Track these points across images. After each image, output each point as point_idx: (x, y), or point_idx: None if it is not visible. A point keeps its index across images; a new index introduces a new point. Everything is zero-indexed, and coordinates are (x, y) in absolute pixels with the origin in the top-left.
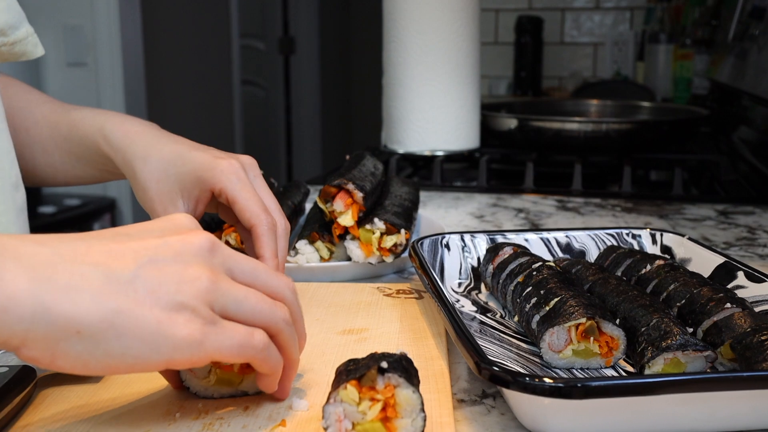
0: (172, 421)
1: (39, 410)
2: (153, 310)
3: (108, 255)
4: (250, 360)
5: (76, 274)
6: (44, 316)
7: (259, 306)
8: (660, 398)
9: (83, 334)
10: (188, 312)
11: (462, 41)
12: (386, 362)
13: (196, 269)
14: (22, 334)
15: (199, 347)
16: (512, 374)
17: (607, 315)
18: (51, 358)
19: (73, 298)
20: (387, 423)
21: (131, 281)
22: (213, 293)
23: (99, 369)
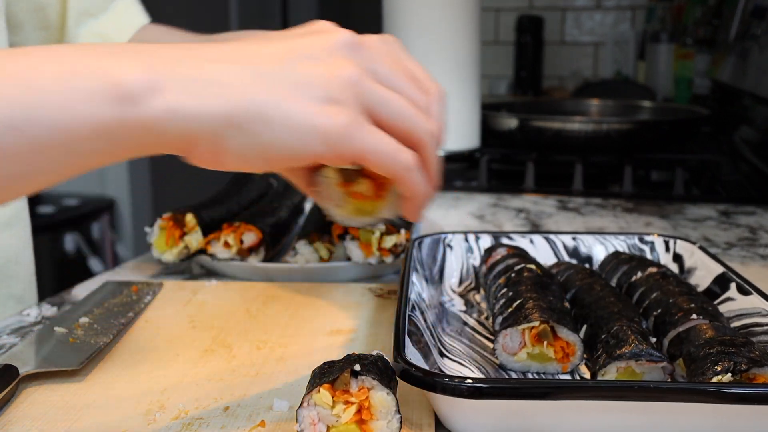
0: (152, 422)
1: (21, 409)
2: (303, 102)
3: (255, 55)
4: (396, 176)
5: (224, 71)
6: (198, 110)
7: (406, 110)
8: (558, 404)
9: (237, 125)
10: (339, 105)
11: (462, 41)
12: (359, 365)
13: (343, 63)
14: (188, 135)
15: (348, 140)
16: (420, 371)
17: (564, 320)
18: (216, 156)
19: (222, 92)
20: (362, 425)
21: (280, 77)
22: (360, 87)
23: (259, 164)
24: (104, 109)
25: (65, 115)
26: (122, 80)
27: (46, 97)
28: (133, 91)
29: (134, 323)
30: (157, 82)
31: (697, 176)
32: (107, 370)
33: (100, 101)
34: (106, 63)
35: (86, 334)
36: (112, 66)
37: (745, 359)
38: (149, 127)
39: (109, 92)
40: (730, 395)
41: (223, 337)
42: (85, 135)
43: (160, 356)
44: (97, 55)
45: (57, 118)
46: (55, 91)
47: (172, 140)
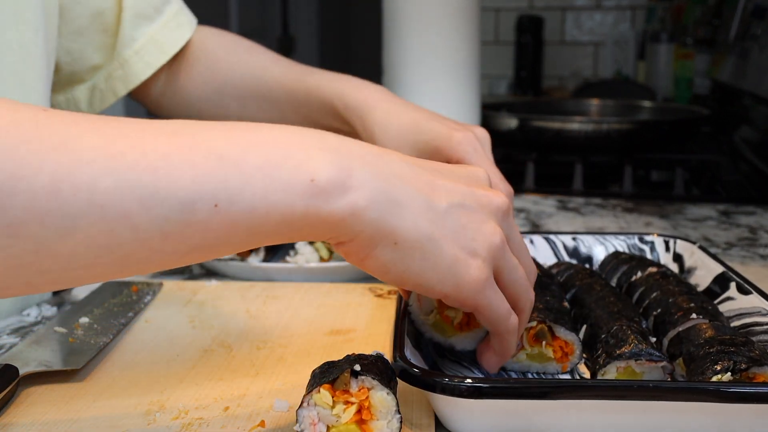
0: (151, 422)
1: (20, 409)
2: (454, 247)
3: (428, 186)
4: (497, 334)
5: (405, 193)
6: (373, 218)
7: (522, 281)
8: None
9: (398, 247)
10: (480, 260)
11: (462, 41)
12: (359, 365)
13: (493, 226)
14: (354, 232)
15: (475, 294)
16: (419, 371)
17: (562, 320)
18: (363, 258)
19: (401, 214)
20: (362, 425)
21: (443, 216)
22: (500, 252)
23: (393, 280)
24: (297, 201)
25: (263, 203)
26: (319, 176)
27: (249, 182)
28: (327, 187)
29: (134, 323)
30: (347, 182)
31: (697, 176)
32: (107, 370)
33: (296, 193)
34: (305, 155)
35: (86, 334)
36: (310, 160)
37: (745, 358)
38: (328, 220)
39: (305, 186)
40: (730, 394)
41: (223, 337)
42: (274, 221)
43: (160, 356)
44: (295, 145)
45: (256, 204)
46: (258, 179)
47: (340, 233)
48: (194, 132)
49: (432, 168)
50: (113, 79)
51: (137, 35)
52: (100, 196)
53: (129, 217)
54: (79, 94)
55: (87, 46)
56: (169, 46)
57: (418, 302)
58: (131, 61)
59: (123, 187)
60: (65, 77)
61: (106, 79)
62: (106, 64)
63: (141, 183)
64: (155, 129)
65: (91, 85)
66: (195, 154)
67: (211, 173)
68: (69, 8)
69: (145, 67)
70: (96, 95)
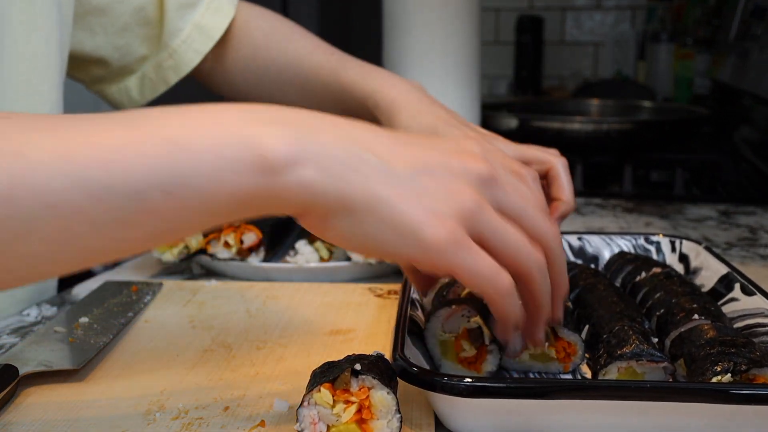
0: (151, 421)
1: (20, 409)
2: (416, 208)
3: (391, 152)
4: (487, 298)
5: (357, 158)
6: (324, 189)
7: (515, 242)
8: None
9: (350, 212)
10: (449, 222)
11: (462, 41)
12: (360, 364)
13: (465, 189)
14: (306, 204)
15: (445, 254)
16: (419, 370)
17: (565, 320)
18: (322, 229)
19: (353, 179)
20: (363, 425)
21: (404, 180)
22: (473, 217)
23: (357, 247)
24: (248, 179)
25: (213, 184)
26: (268, 153)
27: (198, 166)
28: (276, 163)
29: (134, 323)
30: (298, 156)
31: (697, 176)
32: (107, 370)
33: (245, 171)
34: (255, 132)
35: (86, 334)
36: (261, 137)
37: (745, 360)
38: (279, 195)
39: (254, 164)
40: (729, 395)
41: (222, 337)
42: (225, 200)
43: (159, 356)
44: (246, 123)
45: (206, 186)
46: (206, 160)
47: (293, 207)
48: (149, 120)
49: (407, 139)
50: (163, 69)
51: (182, 24)
52: (53, 197)
53: (84, 212)
54: (130, 84)
55: (133, 40)
56: (214, 30)
57: (444, 319)
58: (180, 50)
59: (76, 185)
60: (115, 71)
61: (156, 69)
62: (152, 54)
63: (93, 178)
64: (110, 121)
65: (140, 75)
66: (147, 143)
67: (162, 160)
68: (111, 8)
69: (194, 54)
70: (146, 84)
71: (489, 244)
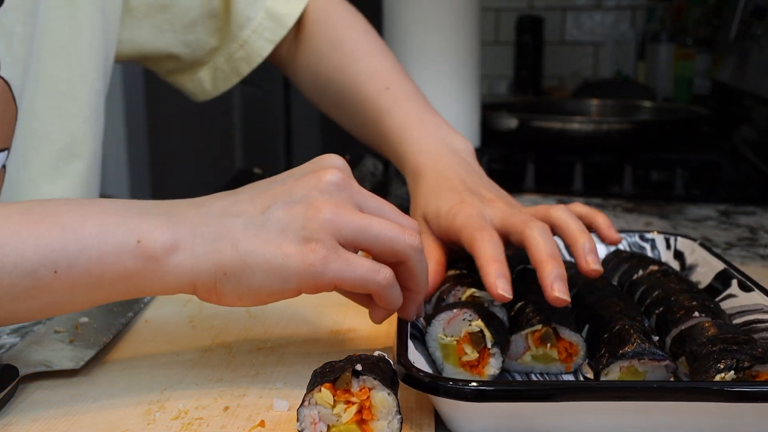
0: (151, 421)
1: (20, 409)
2: (281, 246)
3: (248, 203)
4: (372, 292)
5: (221, 225)
6: (201, 265)
7: (384, 231)
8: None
9: (228, 275)
10: (313, 243)
11: (462, 41)
12: (361, 365)
13: (320, 204)
14: (190, 283)
15: (321, 274)
16: (423, 374)
17: (567, 321)
18: (216, 297)
19: (218, 247)
20: (363, 425)
21: (263, 223)
22: (336, 223)
23: (250, 301)
24: (130, 263)
25: (98, 265)
26: (147, 241)
27: (84, 249)
28: (154, 251)
29: (134, 323)
30: (174, 242)
31: (697, 176)
32: (107, 370)
33: (127, 256)
34: (136, 222)
35: (86, 333)
36: (140, 225)
37: (748, 357)
38: (163, 278)
39: (135, 250)
40: (733, 393)
41: (222, 337)
42: (110, 281)
43: (159, 356)
44: (129, 214)
45: (92, 267)
46: (92, 245)
47: (180, 286)
48: (44, 209)
49: (265, 182)
50: (235, 60)
51: (252, 14)
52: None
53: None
54: (203, 75)
55: (201, 34)
56: (286, 17)
57: (445, 323)
58: (251, 40)
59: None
60: (188, 64)
61: (227, 60)
62: (223, 44)
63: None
64: (8, 209)
65: (212, 66)
66: (40, 227)
67: (52, 243)
68: (177, 4)
69: (266, 43)
70: (219, 76)
71: (363, 244)
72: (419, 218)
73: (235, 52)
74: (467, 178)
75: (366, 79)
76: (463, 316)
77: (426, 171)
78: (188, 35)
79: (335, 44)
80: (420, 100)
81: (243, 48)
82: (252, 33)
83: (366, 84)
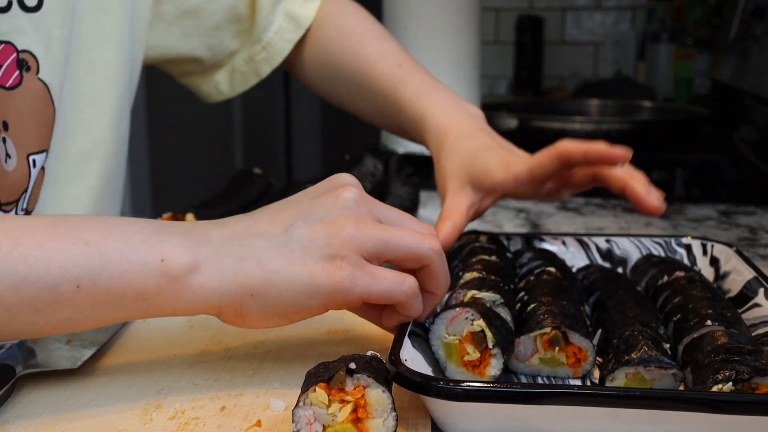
0: (148, 421)
1: (17, 409)
2: (307, 265)
3: (269, 224)
4: (397, 303)
5: (245, 246)
6: (225, 286)
7: (405, 240)
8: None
9: (255, 296)
10: (339, 260)
11: (462, 41)
12: (355, 363)
13: (342, 221)
14: (216, 304)
15: (349, 291)
16: (414, 375)
17: (577, 325)
18: (241, 318)
19: (243, 268)
20: (358, 424)
21: (287, 242)
22: (359, 239)
23: (277, 321)
24: (150, 280)
25: (119, 281)
26: (169, 259)
27: (106, 264)
28: (177, 270)
29: (131, 323)
30: (197, 264)
31: (697, 176)
32: (104, 370)
33: (149, 274)
34: (158, 240)
35: (83, 334)
36: (162, 243)
37: (748, 368)
38: (186, 298)
39: (157, 268)
40: (721, 404)
41: (220, 337)
42: (132, 298)
43: (157, 356)
44: (151, 232)
45: (113, 283)
46: (114, 260)
47: (204, 307)
48: (69, 224)
49: (283, 203)
50: (256, 62)
51: (274, 17)
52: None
53: (2, 299)
54: (220, 77)
55: (224, 37)
56: (304, 18)
57: (449, 321)
58: (273, 42)
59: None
60: (208, 67)
61: (247, 62)
62: (243, 47)
63: (12, 271)
64: (35, 222)
65: (229, 68)
66: (64, 242)
67: (75, 257)
68: (203, 8)
69: (286, 44)
70: (236, 78)
71: (387, 255)
72: (457, 177)
73: (257, 53)
74: (498, 139)
75: (378, 58)
76: (465, 315)
77: (455, 131)
78: (212, 39)
79: (345, 32)
80: (429, 74)
81: (265, 49)
82: (274, 35)
83: (379, 62)
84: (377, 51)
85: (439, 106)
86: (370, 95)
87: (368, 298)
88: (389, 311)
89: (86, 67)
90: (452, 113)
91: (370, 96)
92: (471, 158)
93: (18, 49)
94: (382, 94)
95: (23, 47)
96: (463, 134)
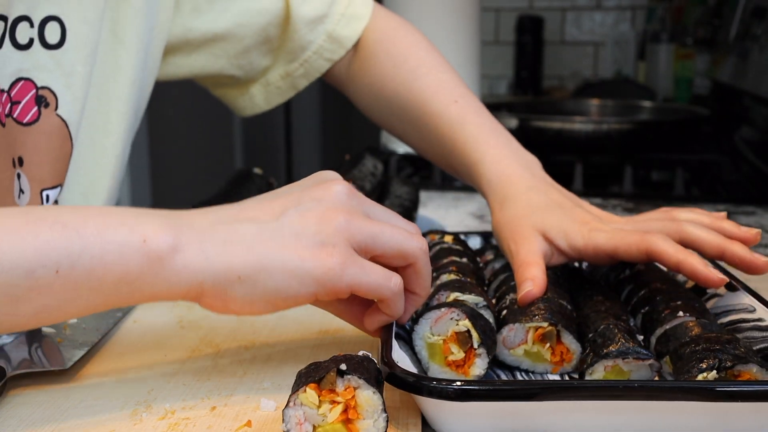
0: (138, 422)
1: (8, 409)
2: (297, 249)
3: (259, 210)
4: (383, 300)
5: (232, 230)
6: (211, 268)
7: (395, 236)
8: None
9: (243, 279)
10: (330, 248)
11: (462, 41)
12: (345, 364)
13: (333, 211)
14: (198, 287)
15: (339, 278)
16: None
17: (571, 326)
18: (223, 303)
19: (230, 250)
20: (349, 424)
21: (278, 228)
22: (349, 230)
23: (262, 307)
24: (132, 262)
25: (100, 265)
26: (151, 239)
27: (86, 247)
28: (159, 250)
29: (122, 323)
30: (179, 243)
31: (697, 176)
32: (95, 370)
33: (131, 255)
34: (138, 221)
35: (74, 334)
36: (143, 225)
37: (730, 356)
38: (169, 279)
39: (139, 249)
40: (714, 393)
41: (211, 338)
42: (113, 281)
43: (147, 356)
44: (131, 214)
45: (94, 266)
46: (95, 243)
47: (185, 290)
48: (46, 211)
49: (270, 194)
50: (294, 77)
51: (314, 37)
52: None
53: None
54: (255, 91)
55: (255, 57)
56: (346, 40)
57: (433, 322)
58: (311, 60)
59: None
60: (241, 82)
61: (284, 78)
62: (276, 63)
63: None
64: (8, 211)
65: (264, 82)
66: (41, 226)
67: (53, 241)
68: (233, 33)
69: (325, 62)
70: (272, 91)
71: (375, 249)
72: (527, 225)
73: (295, 70)
74: (566, 193)
75: (433, 94)
76: (450, 316)
77: (518, 182)
78: (242, 60)
79: (398, 61)
80: (488, 113)
81: (303, 66)
82: (312, 54)
83: (433, 98)
84: (432, 85)
85: (497, 152)
86: (425, 132)
87: (356, 289)
88: (372, 312)
89: (100, 99)
90: (511, 161)
91: (424, 133)
92: (543, 213)
93: (37, 86)
94: (436, 132)
95: (43, 84)
96: (528, 185)
